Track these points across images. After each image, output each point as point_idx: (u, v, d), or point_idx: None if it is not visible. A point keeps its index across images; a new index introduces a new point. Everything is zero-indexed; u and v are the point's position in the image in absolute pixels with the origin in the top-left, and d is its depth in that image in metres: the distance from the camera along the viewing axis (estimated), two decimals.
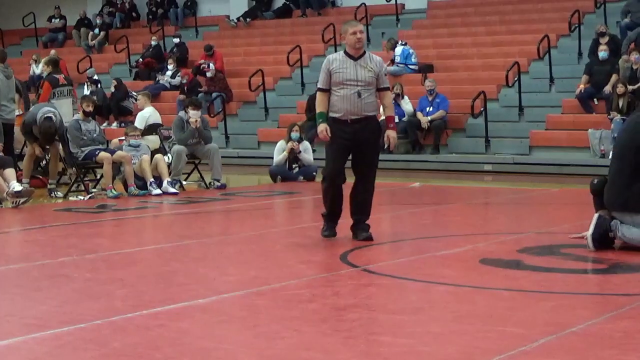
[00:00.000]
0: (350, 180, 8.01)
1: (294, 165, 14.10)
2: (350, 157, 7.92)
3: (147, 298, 5.65)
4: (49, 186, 12.51)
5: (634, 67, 16.41)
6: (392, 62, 19.70)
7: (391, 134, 8.03)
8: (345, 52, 7.82)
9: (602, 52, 17.07)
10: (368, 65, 7.75)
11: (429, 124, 17.19)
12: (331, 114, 7.76)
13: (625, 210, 7.15)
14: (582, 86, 16.91)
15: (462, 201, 11.77)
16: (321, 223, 8.02)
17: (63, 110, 12.90)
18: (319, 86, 7.90)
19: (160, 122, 14.59)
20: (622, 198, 7.16)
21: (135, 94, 19.96)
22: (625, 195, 7.14)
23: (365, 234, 7.79)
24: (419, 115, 17.33)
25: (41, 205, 11.42)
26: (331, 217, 7.93)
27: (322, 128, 7.74)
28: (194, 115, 13.06)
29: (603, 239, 7.22)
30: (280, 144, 14.14)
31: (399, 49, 19.71)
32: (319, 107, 7.84)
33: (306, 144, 14.28)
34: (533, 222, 9.70)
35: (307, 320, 5.11)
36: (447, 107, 17.36)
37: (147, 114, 14.55)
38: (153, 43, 24.02)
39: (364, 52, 7.85)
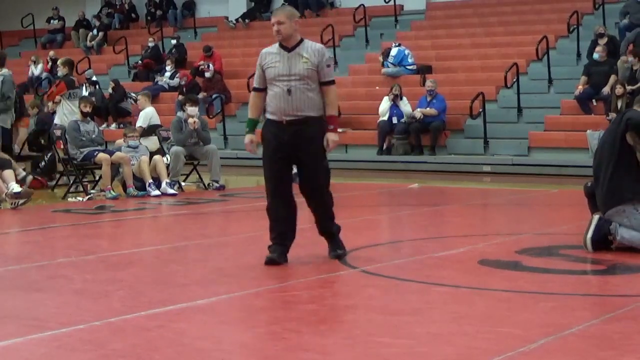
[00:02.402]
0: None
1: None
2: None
3: (145, 299, 5.65)
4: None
5: (634, 68, 16.42)
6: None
7: (330, 137, 6.68)
8: (280, 44, 6.82)
9: (596, 54, 17.09)
10: (304, 56, 6.68)
11: (421, 116, 17.19)
12: (267, 116, 6.80)
13: (622, 203, 7.13)
14: (581, 87, 16.89)
15: (461, 202, 11.77)
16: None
17: (77, 110, 13.08)
18: (253, 85, 7.00)
19: (160, 123, 14.59)
20: (617, 191, 7.14)
21: (134, 94, 19.95)
22: (620, 188, 7.12)
23: (334, 253, 6.90)
24: (415, 112, 17.35)
25: (40, 206, 11.42)
26: (278, 238, 6.80)
27: (247, 140, 6.81)
28: (191, 111, 13.06)
29: (602, 241, 7.23)
30: None
31: (394, 50, 19.71)
32: (249, 112, 6.92)
33: None
34: (532, 223, 9.71)
35: (306, 322, 5.11)
36: (442, 108, 17.34)
37: (150, 113, 14.53)
38: (150, 44, 24.01)
39: (301, 41, 6.78)
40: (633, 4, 18.67)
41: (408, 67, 19.64)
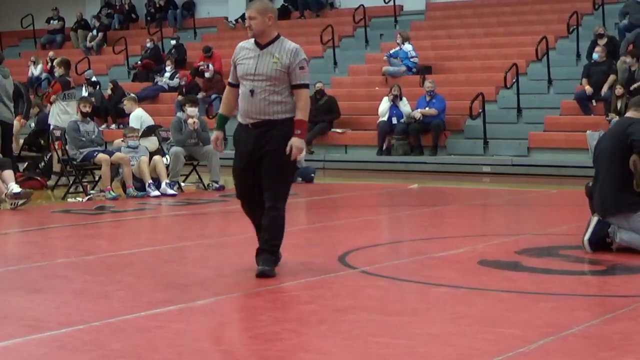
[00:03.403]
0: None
1: None
2: None
3: (145, 299, 5.65)
4: None
5: (632, 68, 16.42)
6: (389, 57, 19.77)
7: (295, 142, 6.16)
8: (255, 40, 6.39)
9: (595, 54, 17.09)
10: (275, 56, 6.24)
11: (420, 117, 17.18)
12: (238, 118, 6.51)
13: (619, 213, 7.14)
14: (588, 87, 16.81)
15: (461, 202, 11.77)
16: (318, 225, 7.96)
17: (71, 111, 13.05)
18: (228, 80, 6.63)
19: (154, 123, 14.60)
20: (615, 201, 7.14)
21: (133, 95, 19.92)
22: (617, 197, 7.13)
23: (260, 268, 6.23)
24: (414, 112, 17.35)
25: (40, 206, 11.41)
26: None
27: (213, 137, 6.67)
28: (191, 112, 13.07)
29: (600, 242, 7.23)
30: None
31: (408, 46, 19.67)
32: (220, 107, 6.70)
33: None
34: (531, 223, 9.71)
35: (306, 322, 5.11)
36: (441, 108, 17.34)
37: (139, 114, 14.56)
38: (148, 45, 24.00)
39: (276, 38, 6.33)
40: (633, 4, 18.68)
41: (410, 67, 19.64)
